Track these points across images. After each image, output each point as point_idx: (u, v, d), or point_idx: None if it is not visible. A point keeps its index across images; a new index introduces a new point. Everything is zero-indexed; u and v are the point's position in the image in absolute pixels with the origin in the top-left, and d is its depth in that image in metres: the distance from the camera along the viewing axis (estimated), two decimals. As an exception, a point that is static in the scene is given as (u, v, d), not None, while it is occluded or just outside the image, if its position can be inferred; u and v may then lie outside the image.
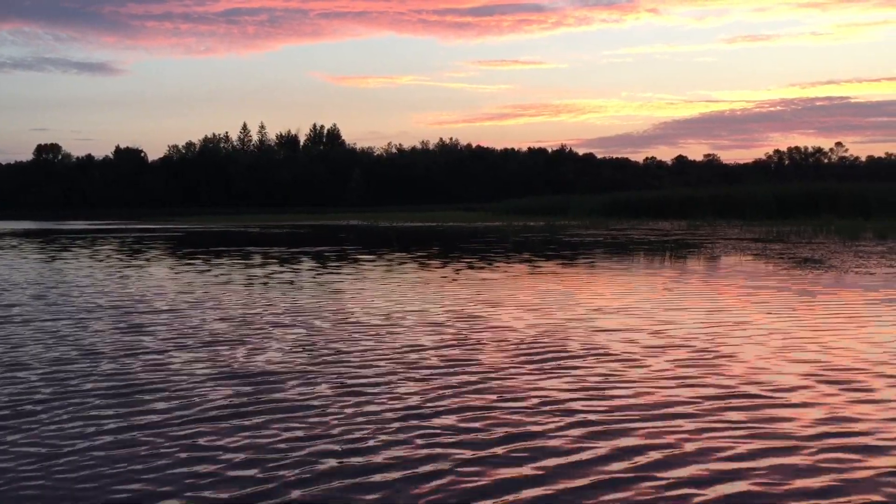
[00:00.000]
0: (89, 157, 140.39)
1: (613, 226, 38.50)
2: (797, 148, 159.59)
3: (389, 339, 7.80)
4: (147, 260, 19.50)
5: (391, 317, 9.22)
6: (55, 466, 4.20)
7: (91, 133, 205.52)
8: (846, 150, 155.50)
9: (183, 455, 4.35)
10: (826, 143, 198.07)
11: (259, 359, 6.93)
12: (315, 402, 5.41)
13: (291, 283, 13.46)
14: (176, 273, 15.55)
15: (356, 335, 8.02)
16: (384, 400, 5.46)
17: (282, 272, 15.53)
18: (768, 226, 32.00)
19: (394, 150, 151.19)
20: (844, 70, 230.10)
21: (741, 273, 14.27)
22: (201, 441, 4.60)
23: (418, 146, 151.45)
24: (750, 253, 19.17)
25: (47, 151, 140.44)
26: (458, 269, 15.62)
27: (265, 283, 13.34)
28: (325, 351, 7.22)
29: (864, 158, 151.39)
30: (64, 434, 4.76)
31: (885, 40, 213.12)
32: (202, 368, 6.56)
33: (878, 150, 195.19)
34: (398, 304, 10.34)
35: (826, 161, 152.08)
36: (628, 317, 9.10)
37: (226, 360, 6.87)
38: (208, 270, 16.06)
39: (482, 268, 15.99)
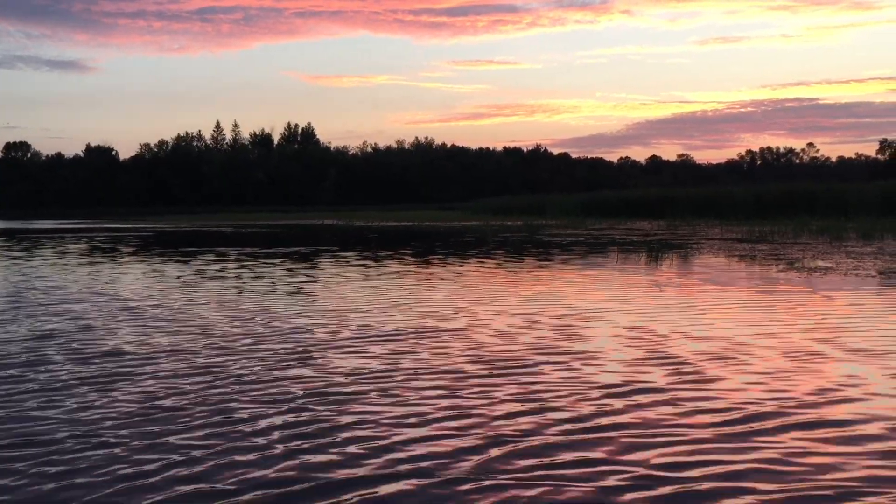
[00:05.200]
0: (59, 155, 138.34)
1: (592, 225, 38.05)
2: (769, 148, 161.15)
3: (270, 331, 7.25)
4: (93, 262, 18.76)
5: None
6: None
7: (62, 131, 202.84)
8: (817, 151, 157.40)
9: None
10: (797, 144, 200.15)
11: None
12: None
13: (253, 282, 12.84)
14: (119, 274, 14.87)
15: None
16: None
17: (248, 272, 14.89)
18: (748, 226, 31.71)
19: (369, 150, 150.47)
20: (814, 72, 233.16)
21: (732, 275, 13.82)
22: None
23: (394, 146, 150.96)
24: (738, 254, 18.75)
25: (16, 149, 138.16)
26: (437, 270, 15.05)
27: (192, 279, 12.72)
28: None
29: (834, 159, 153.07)
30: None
31: (853, 43, 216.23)
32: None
33: (848, 151, 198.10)
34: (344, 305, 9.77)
35: (798, 161, 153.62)
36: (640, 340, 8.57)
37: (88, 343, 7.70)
38: (158, 273, 15.39)
39: (473, 270, 15.42)
